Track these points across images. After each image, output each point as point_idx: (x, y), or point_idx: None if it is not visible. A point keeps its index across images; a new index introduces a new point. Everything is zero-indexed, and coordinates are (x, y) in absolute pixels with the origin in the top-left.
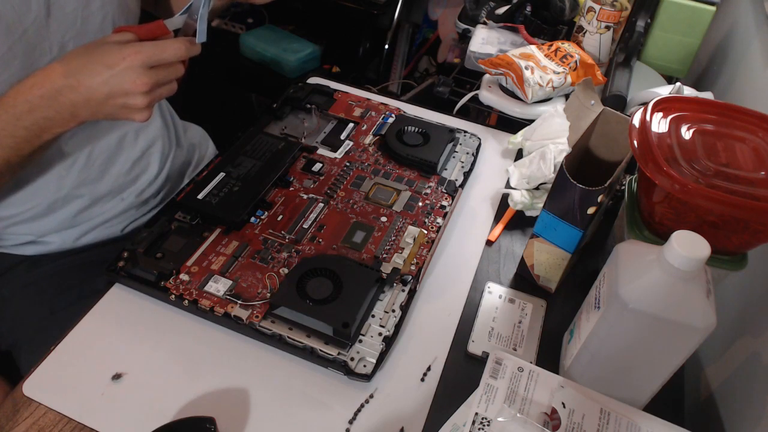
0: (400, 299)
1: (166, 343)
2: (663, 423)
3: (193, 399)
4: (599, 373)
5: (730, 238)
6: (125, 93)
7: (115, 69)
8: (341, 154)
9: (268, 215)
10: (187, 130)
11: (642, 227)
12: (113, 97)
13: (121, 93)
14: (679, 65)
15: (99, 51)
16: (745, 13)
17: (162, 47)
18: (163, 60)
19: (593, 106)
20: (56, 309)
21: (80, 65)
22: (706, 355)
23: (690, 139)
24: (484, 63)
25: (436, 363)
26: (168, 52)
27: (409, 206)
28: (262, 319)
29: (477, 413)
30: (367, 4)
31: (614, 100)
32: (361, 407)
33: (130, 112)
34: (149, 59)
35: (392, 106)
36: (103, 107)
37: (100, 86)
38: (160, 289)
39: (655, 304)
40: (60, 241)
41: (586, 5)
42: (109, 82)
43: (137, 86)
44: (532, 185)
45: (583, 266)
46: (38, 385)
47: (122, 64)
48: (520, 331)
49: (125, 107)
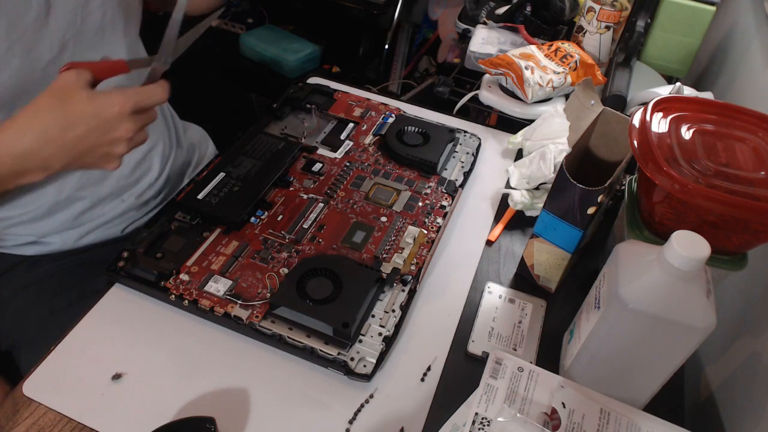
0: (400, 299)
1: (166, 343)
2: (663, 423)
3: (193, 399)
4: (599, 373)
5: (730, 238)
6: (111, 141)
7: (101, 118)
8: (341, 154)
9: (268, 215)
10: (187, 130)
11: (642, 227)
12: (99, 146)
13: (108, 142)
14: (679, 65)
15: (75, 101)
16: (745, 13)
17: (149, 93)
18: (147, 104)
19: (593, 106)
20: (56, 309)
21: (56, 123)
22: (706, 355)
23: (690, 139)
24: (484, 63)
25: (436, 363)
26: (154, 98)
27: (409, 206)
28: (262, 319)
29: (477, 413)
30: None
31: (614, 100)
32: (361, 407)
33: (108, 160)
34: (137, 106)
35: (392, 106)
36: (83, 158)
37: (83, 138)
38: (160, 289)
39: (655, 304)
40: (60, 242)
41: (586, 5)
42: (96, 132)
43: (124, 133)
44: (532, 185)
45: (583, 266)
46: (38, 385)
47: (111, 112)
48: (520, 331)
49: (106, 155)
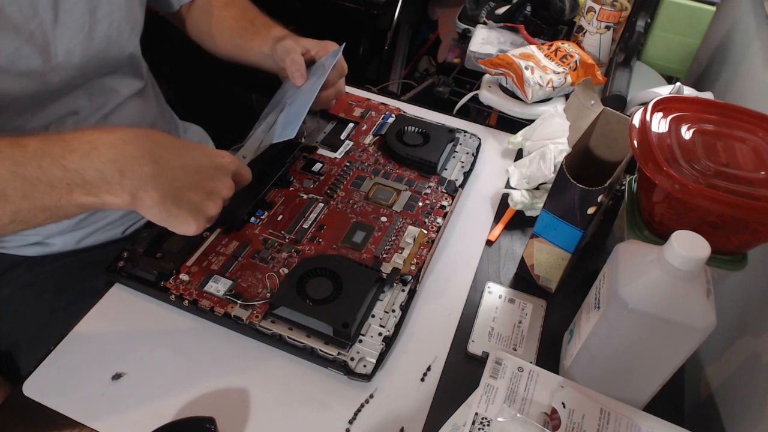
0: (400, 299)
1: (166, 343)
2: (663, 423)
3: (193, 399)
4: (599, 373)
5: (730, 238)
6: (213, 190)
7: (213, 160)
8: (341, 154)
9: (268, 215)
10: (187, 131)
11: (642, 227)
12: (200, 189)
13: (211, 188)
14: (679, 65)
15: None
16: (745, 13)
17: (245, 168)
18: (241, 176)
19: (593, 106)
20: (56, 309)
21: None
22: (706, 355)
23: (690, 139)
24: (484, 63)
25: (436, 363)
26: (245, 174)
27: (409, 206)
28: (262, 319)
29: (477, 413)
30: (367, 4)
31: (614, 100)
32: (361, 407)
33: (197, 212)
34: (238, 170)
35: (392, 106)
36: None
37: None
38: (160, 289)
39: (655, 304)
40: (62, 243)
41: (586, 5)
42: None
43: (224, 188)
44: (532, 185)
45: (583, 266)
46: (38, 385)
47: (222, 160)
48: (520, 331)
49: (199, 206)
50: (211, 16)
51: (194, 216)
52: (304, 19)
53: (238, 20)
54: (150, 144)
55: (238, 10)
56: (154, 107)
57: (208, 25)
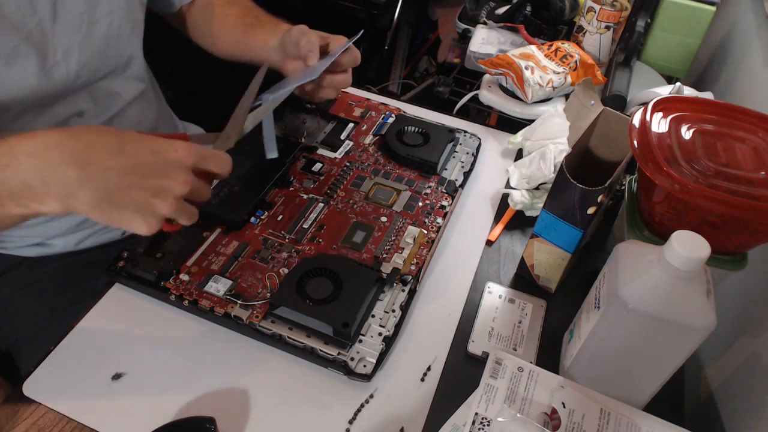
0: (400, 299)
1: (166, 343)
2: (663, 423)
3: (193, 399)
4: (599, 373)
5: (730, 238)
6: (159, 188)
7: (159, 156)
8: (341, 154)
9: (268, 215)
10: (186, 130)
11: (642, 227)
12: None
13: (155, 187)
14: (679, 65)
15: (132, 134)
16: (745, 13)
17: (213, 155)
18: (208, 167)
19: (593, 106)
20: (56, 309)
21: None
22: (706, 355)
23: (690, 139)
24: (484, 63)
25: (436, 363)
26: (216, 162)
27: (409, 206)
28: (262, 319)
29: (477, 413)
30: (367, 4)
31: (614, 100)
32: (361, 407)
33: (143, 211)
34: (199, 162)
35: (392, 106)
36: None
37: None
38: (160, 289)
39: (655, 304)
40: (62, 244)
41: (586, 5)
42: (148, 168)
43: (176, 184)
44: (532, 185)
45: (583, 266)
46: (38, 385)
47: (172, 156)
48: (520, 331)
49: (145, 205)
50: (212, 14)
51: (142, 216)
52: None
53: (243, 17)
54: (77, 146)
55: (241, 8)
56: (155, 108)
57: (209, 23)
